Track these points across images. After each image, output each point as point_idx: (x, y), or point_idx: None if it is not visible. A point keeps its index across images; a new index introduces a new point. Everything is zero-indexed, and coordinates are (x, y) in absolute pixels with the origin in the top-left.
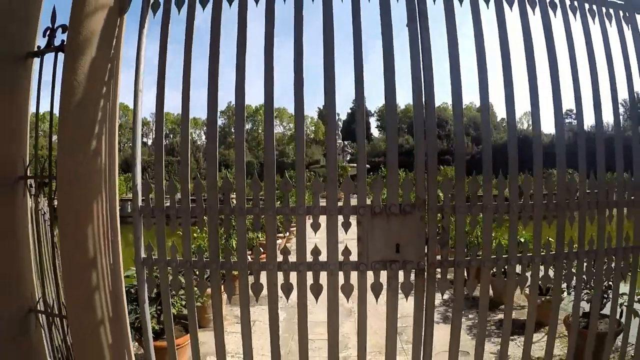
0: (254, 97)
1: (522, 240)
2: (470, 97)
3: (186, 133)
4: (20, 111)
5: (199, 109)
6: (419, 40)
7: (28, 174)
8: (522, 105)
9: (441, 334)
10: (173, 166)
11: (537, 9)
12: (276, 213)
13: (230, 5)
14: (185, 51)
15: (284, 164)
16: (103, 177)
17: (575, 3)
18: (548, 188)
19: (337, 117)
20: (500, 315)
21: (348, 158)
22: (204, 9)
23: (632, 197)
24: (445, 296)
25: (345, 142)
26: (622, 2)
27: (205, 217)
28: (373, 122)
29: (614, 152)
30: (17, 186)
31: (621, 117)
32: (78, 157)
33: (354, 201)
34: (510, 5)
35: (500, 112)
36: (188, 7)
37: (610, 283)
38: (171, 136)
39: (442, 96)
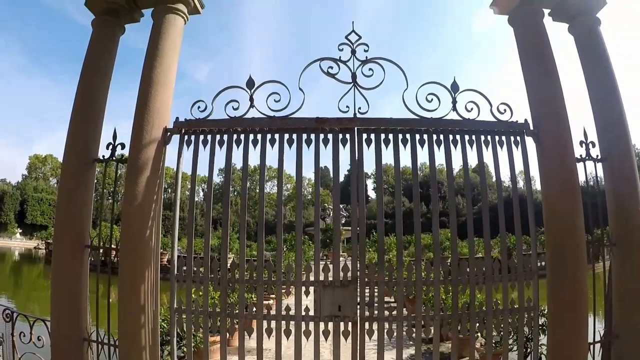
0: (253, 157)
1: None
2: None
3: (208, 241)
4: (88, 199)
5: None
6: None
7: (92, 244)
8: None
9: None
10: (170, 220)
11: (442, 146)
12: (264, 283)
13: (238, 147)
14: (209, 172)
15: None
16: (152, 253)
17: (473, 137)
18: (444, 268)
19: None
20: None
21: (343, 221)
22: (221, 149)
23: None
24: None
25: (340, 205)
26: (514, 130)
27: (219, 284)
28: (370, 184)
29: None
30: (84, 252)
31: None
32: (136, 240)
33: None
34: (422, 146)
35: None
36: (210, 145)
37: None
38: (169, 190)
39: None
